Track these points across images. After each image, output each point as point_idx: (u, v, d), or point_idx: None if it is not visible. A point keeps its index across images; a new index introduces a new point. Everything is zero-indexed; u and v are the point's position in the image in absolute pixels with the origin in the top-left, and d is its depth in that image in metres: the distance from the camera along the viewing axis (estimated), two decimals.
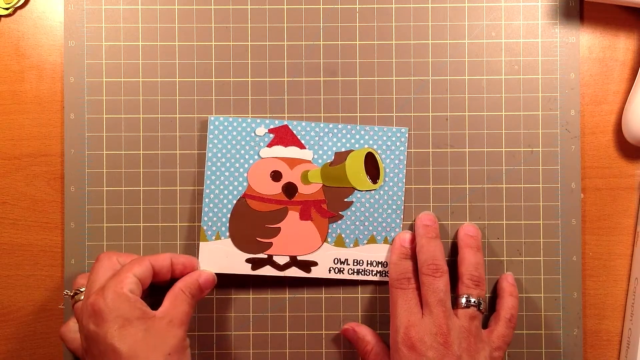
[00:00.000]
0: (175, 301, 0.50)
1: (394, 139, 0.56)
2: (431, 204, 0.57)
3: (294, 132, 0.56)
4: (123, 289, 0.48)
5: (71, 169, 0.58)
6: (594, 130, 0.58)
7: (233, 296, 0.58)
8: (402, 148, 0.56)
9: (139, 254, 0.57)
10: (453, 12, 0.58)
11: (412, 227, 0.57)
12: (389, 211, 0.56)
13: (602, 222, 0.58)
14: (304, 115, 0.58)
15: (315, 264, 0.56)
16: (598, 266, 0.58)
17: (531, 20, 0.58)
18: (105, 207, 0.57)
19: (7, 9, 0.58)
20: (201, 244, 0.56)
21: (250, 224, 0.56)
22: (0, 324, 0.58)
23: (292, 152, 0.56)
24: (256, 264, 0.56)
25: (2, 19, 0.59)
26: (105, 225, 0.57)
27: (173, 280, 0.52)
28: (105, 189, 0.57)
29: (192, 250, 0.57)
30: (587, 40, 0.58)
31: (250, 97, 0.58)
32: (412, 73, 0.58)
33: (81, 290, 0.51)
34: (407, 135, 0.56)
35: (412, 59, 0.58)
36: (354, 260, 0.56)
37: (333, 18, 0.58)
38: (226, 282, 0.57)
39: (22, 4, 0.58)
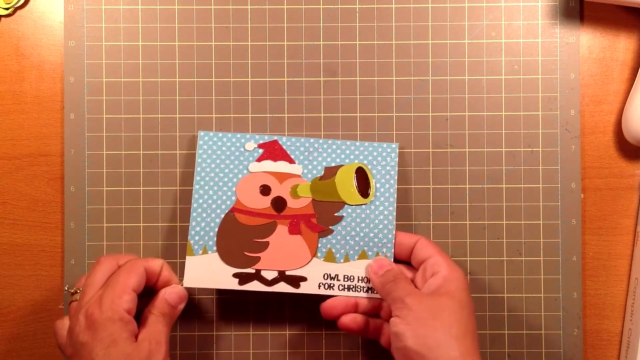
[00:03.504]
0: (147, 323, 0.50)
1: (384, 154, 0.55)
2: (431, 204, 0.57)
3: (284, 147, 0.55)
4: (121, 305, 0.47)
5: (71, 169, 0.58)
6: (594, 130, 0.58)
7: (233, 296, 0.58)
8: (392, 164, 0.55)
9: (139, 254, 0.57)
10: (453, 12, 0.58)
11: (412, 229, 0.57)
12: (380, 226, 0.54)
13: (602, 222, 0.58)
14: (304, 115, 0.58)
15: (304, 279, 0.54)
16: (598, 266, 0.58)
17: (531, 20, 0.58)
18: (105, 207, 0.57)
19: (7, 9, 0.58)
20: (187, 258, 0.54)
21: (238, 238, 0.54)
22: (0, 324, 0.58)
23: (281, 166, 0.55)
24: (243, 278, 0.54)
25: (2, 19, 0.59)
26: (105, 225, 0.57)
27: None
28: (105, 189, 0.57)
29: None
30: (587, 40, 0.58)
31: (250, 97, 0.58)
32: (412, 73, 0.58)
33: (80, 290, 0.51)
34: (397, 151, 0.55)
35: (412, 59, 0.58)
36: (344, 275, 0.54)
37: (333, 18, 0.58)
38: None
39: (22, 4, 0.58)
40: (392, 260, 0.54)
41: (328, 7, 0.58)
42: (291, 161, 0.55)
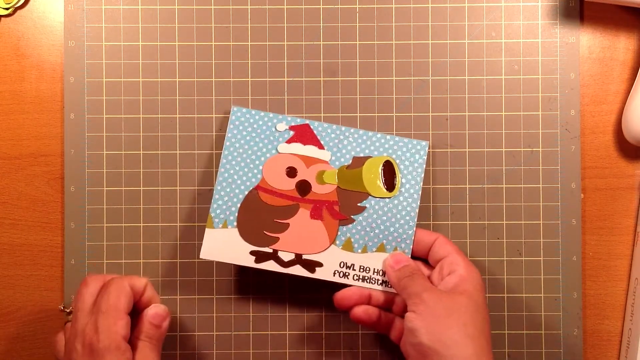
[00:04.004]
0: (138, 351, 0.50)
1: (413, 151, 0.55)
2: (431, 204, 0.57)
3: (315, 132, 0.56)
4: (118, 333, 0.48)
5: (71, 169, 0.58)
6: (594, 130, 0.58)
7: (233, 296, 0.58)
8: (420, 161, 0.55)
9: (138, 254, 0.57)
10: (453, 12, 0.58)
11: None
12: (402, 221, 0.55)
13: (602, 222, 0.58)
14: (304, 115, 0.58)
15: (320, 264, 0.54)
16: (598, 266, 0.58)
17: (531, 20, 0.58)
18: (105, 207, 0.57)
19: (7, 9, 0.58)
20: (207, 230, 0.54)
21: (260, 217, 0.55)
22: (0, 324, 0.58)
23: (310, 150, 0.55)
24: (260, 257, 0.54)
25: (2, 19, 0.59)
26: (105, 225, 0.57)
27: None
28: (105, 189, 0.57)
29: (192, 249, 0.57)
30: (587, 40, 0.58)
31: (250, 97, 0.58)
32: (412, 73, 0.58)
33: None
34: (427, 149, 0.55)
35: (412, 59, 0.58)
36: (360, 266, 0.54)
37: (333, 18, 0.58)
38: (227, 284, 0.57)
39: (22, 4, 0.58)
40: (410, 256, 0.54)
41: (328, 7, 0.58)
42: (320, 146, 0.55)
